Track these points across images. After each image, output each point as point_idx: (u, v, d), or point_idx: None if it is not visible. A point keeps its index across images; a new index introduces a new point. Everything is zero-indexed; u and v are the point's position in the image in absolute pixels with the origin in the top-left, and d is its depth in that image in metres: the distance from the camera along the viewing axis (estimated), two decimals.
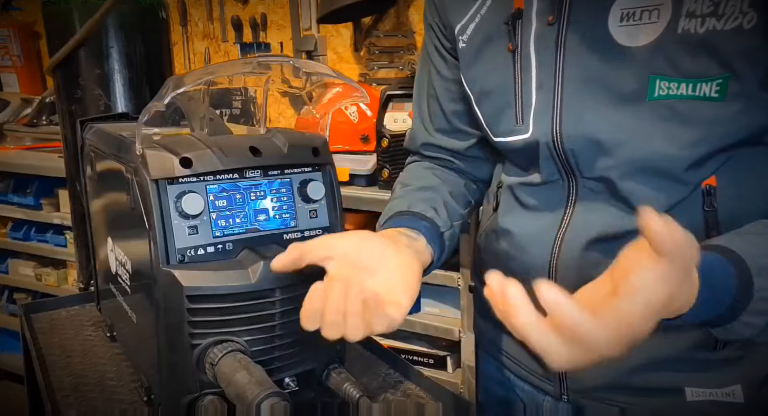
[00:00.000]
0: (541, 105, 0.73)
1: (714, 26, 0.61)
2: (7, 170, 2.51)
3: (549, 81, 0.72)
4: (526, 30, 0.74)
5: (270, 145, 0.75)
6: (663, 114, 0.65)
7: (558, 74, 0.71)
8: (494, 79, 0.78)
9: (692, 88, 0.63)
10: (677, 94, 0.64)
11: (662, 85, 0.64)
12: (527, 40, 0.74)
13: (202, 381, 0.70)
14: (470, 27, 0.80)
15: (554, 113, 0.72)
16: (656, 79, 0.65)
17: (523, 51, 0.74)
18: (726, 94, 0.62)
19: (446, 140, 0.92)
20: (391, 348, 0.99)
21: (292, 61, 0.77)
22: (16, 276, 2.71)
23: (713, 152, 0.66)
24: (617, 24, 0.67)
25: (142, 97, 1.36)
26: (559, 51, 0.71)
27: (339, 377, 0.78)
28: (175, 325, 0.69)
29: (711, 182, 0.68)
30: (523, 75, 0.74)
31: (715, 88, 0.62)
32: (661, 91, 0.65)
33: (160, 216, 0.68)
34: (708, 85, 0.63)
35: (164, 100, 0.67)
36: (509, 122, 0.77)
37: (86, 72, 1.32)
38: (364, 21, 2.39)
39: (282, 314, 0.72)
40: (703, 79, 0.63)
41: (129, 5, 1.31)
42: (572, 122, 0.71)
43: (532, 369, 0.84)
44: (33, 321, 1.07)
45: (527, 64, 0.74)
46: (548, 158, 0.74)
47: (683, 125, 0.65)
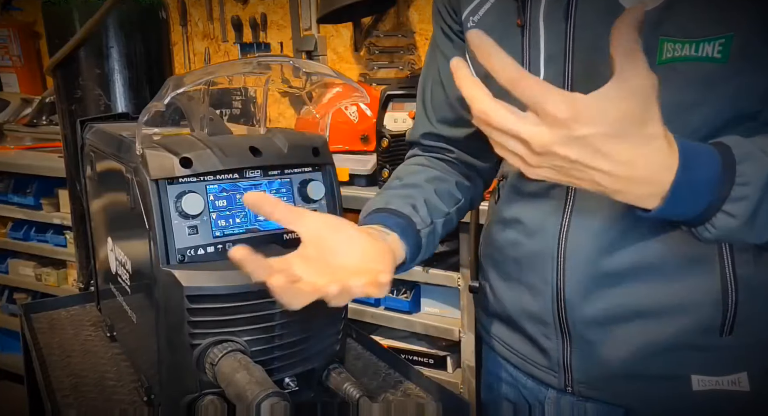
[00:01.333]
0: (550, 78, 0.72)
1: None
2: (7, 170, 2.51)
3: (559, 56, 0.72)
4: (535, 5, 0.73)
5: (270, 145, 0.75)
6: (669, 76, 0.64)
7: (568, 46, 0.71)
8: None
9: (695, 48, 0.63)
10: (681, 55, 0.64)
11: (668, 48, 0.64)
12: (536, 14, 0.73)
13: (202, 381, 0.70)
14: (482, 9, 0.80)
15: (565, 85, 0.72)
16: (664, 41, 0.64)
17: (532, 25, 0.74)
18: (729, 54, 0.62)
19: (447, 129, 0.92)
20: (391, 348, 0.99)
21: (292, 61, 0.77)
22: (16, 276, 2.71)
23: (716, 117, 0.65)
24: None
25: (142, 97, 1.36)
26: (569, 23, 0.71)
27: (339, 377, 0.78)
28: (175, 325, 0.69)
29: None
30: (531, 50, 0.74)
31: (718, 48, 0.62)
32: (668, 53, 0.65)
33: (160, 216, 0.68)
34: (711, 45, 0.62)
35: (164, 100, 0.67)
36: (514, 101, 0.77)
37: (86, 72, 1.32)
38: (364, 21, 2.39)
39: (282, 314, 0.72)
40: (706, 39, 0.62)
41: (129, 5, 1.31)
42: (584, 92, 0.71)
43: (534, 360, 0.84)
44: (33, 321, 1.07)
45: (536, 38, 0.74)
46: None
47: (688, 88, 0.65)
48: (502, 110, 0.57)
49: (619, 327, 0.74)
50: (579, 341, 0.77)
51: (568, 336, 0.78)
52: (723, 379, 0.72)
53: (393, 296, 1.88)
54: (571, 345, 0.78)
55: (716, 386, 0.72)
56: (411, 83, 1.72)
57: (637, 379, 0.75)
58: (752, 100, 0.65)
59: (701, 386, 0.73)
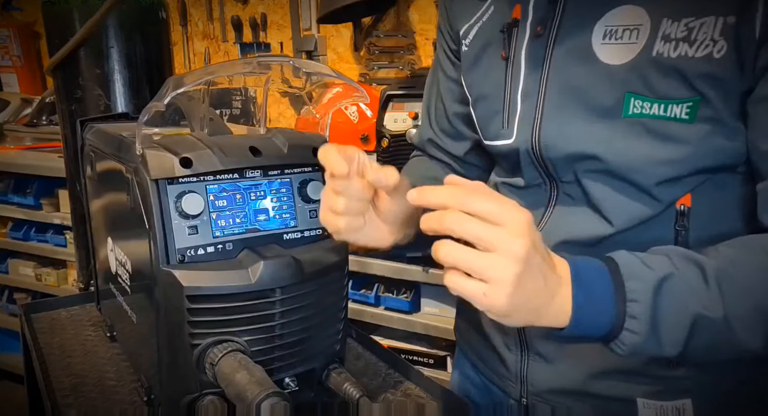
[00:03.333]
0: (524, 113, 0.76)
1: (686, 52, 0.63)
2: (7, 170, 2.51)
3: (534, 90, 0.75)
4: (519, 39, 0.76)
5: (270, 145, 0.75)
6: (637, 131, 0.67)
7: (542, 85, 0.74)
8: (489, 84, 0.81)
9: (663, 108, 0.65)
10: (650, 113, 0.66)
11: (636, 104, 0.66)
12: (519, 49, 0.76)
13: (202, 381, 0.70)
14: (472, 32, 0.84)
15: (535, 121, 0.74)
16: (631, 97, 0.66)
17: (515, 59, 0.77)
18: (696, 116, 0.64)
19: (448, 141, 0.95)
20: (391, 348, 0.99)
21: (292, 61, 0.77)
22: (16, 276, 2.71)
23: (684, 172, 0.67)
24: (600, 41, 0.69)
25: (142, 97, 1.36)
26: (545, 62, 0.73)
27: (339, 377, 0.78)
28: (175, 325, 0.69)
29: (686, 202, 0.69)
30: (513, 82, 0.77)
31: (686, 110, 0.64)
32: (635, 109, 0.66)
33: (160, 216, 0.68)
34: (679, 107, 0.64)
35: (164, 100, 0.67)
36: (497, 126, 0.80)
37: (86, 72, 1.32)
38: (364, 21, 2.39)
39: (282, 314, 0.72)
40: (674, 100, 0.64)
41: (129, 5, 1.31)
42: (551, 132, 0.73)
43: (497, 369, 0.86)
44: (33, 321, 1.07)
45: (517, 72, 0.76)
46: (529, 164, 0.77)
47: (655, 143, 0.66)
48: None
49: (572, 345, 0.76)
50: (535, 354, 0.80)
51: (526, 349, 0.81)
52: (668, 404, 0.74)
53: (393, 296, 1.88)
54: (528, 358, 0.81)
55: (660, 411, 0.74)
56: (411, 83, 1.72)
57: (586, 396, 0.77)
58: (719, 159, 0.67)
59: (646, 408, 0.75)
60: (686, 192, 0.69)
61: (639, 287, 0.58)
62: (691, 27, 0.62)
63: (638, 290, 0.58)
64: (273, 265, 0.70)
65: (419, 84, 1.72)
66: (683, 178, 0.68)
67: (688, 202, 0.69)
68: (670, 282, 0.58)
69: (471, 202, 0.52)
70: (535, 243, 0.54)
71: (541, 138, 0.74)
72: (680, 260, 0.60)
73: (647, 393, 0.74)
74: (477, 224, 0.52)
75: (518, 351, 0.81)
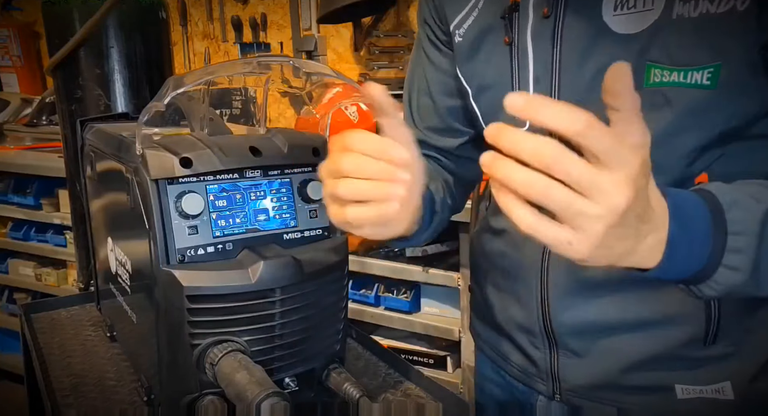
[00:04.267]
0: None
1: (707, 9, 0.61)
2: (7, 170, 2.51)
3: (546, 74, 0.72)
4: (522, 23, 0.74)
5: (270, 145, 0.75)
6: (657, 101, 0.65)
7: (555, 67, 0.72)
8: (492, 73, 0.78)
9: (683, 75, 0.63)
10: (670, 80, 0.64)
11: (656, 73, 0.64)
12: (524, 33, 0.74)
13: (202, 381, 0.70)
14: (467, 22, 0.80)
15: None
16: (651, 67, 0.64)
17: (520, 44, 0.74)
18: (718, 82, 0.62)
19: (437, 138, 0.91)
20: (391, 348, 0.99)
21: (292, 61, 0.77)
22: (16, 276, 2.71)
23: (703, 143, 0.66)
24: (612, 13, 0.67)
25: (142, 97, 1.35)
26: (555, 44, 0.71)
27: (339, 377, 0.78)
28: (175, 325, 0.69)
29: (703, 180, 0.68)
30: (520, 69, 0.75)
31: (707, 76, 0.62)
32: (655, 77, 0.65)
33: (160, 216, 0.68)
34: (700, 74, 0.62)
35: (164, 100, 0.67)
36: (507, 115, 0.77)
37: (86, 72, 1.32)
38: (364, 21, 2.39)
39: (282, 314, 0.72)
40: (695, 67, 0.63)
41: (129, 5, 1.31)
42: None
43: (524, 368, 0.85)
44: (33, 321, 1.07)
45: (524, 57, 0.74)
46: None
47: (675, 113, 0.65)
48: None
49: (604, 338, 0.75)
50: (565, 351, 0.78)
51: (555, 346, 0.79)
52: (707, 388, 0.73)
53: (393, 296, 1.88)
54: (558, 354, 0.79)
55: (700, 394, 0.73)
56: None
57: (622, 388, 0.76)
58: (740, 122, 0.66)
59: (686, 395, 0.73)
60: (704, 168, 0.67)
61: (742, 216, 0.53)
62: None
63: (741, 221, 0.53)
64: (273, 265, 0.70)
65: None
66: (703, 152, 0.66)
67: (706, 179, 0.67)
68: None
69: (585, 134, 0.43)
70: (639, 192, 0.46)
71: None
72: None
73: (684, 378, 0.73)
74: (580, 163, 0.44)
75: (546, 348, 0.80)
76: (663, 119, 0.65)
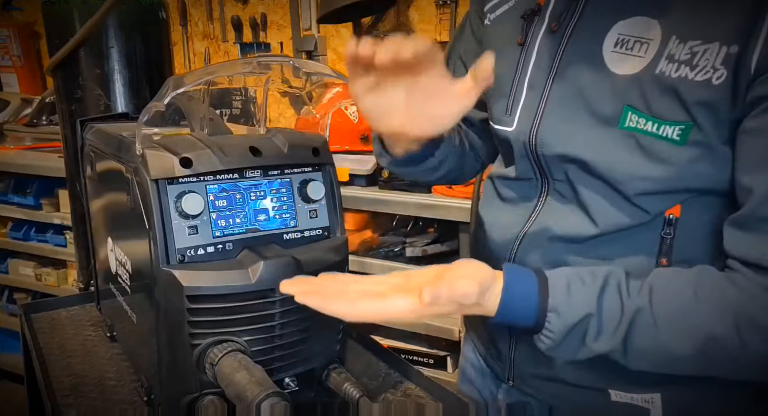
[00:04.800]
0: (528, 104, 0.76)
1: (687, 75, 0.63)
2: (7, 170, 2.51)
3: (540, 83, 0.75)
4: (537, 28, 0.77)
5: (270, 145, 0.75)
6: (629, 144, 0.68)
7: (549, 79, 0.74)
8: (502, 65, 0.80)
9: (657, 127, 0.66)
10: (643, 129, 0.66)
11: (632, 117, 0.67)
12: (535, 38, 0.77)
13: (202, 381, 0.70)
14: (501, 9, 0.83)
15: (536, 115, 0.75)
16: (629, 110, 0.67)
17: (530, 47, 0.77)
18: (687, 140, 0.64)
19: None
20: (391, 348, 0.99)
21: (292, 61, 0.77)
22: (16, 276, 2.71)
23: (668, 190, 0.68)
24: (611, 48, 0.69)
25: (142, 97, 1.35)
26: (556, 58, 0.74)
27: (339, 377, 0.78)
28: (175, 325, 0.69)
29: (674, 213, 0.70)
30: (523, 70, 0.77)
31: (678, 132, 0.65)
32: (630, 122, 0.67)
33: (160, 216, 0.68)
34: (671, 128, 0.65)
35: (164, 100, 0.67)
36: (501, 109, 0.80)
37: (86, 72, 1.32)
38: (364, 21, 2.39)
39: (282, 314, 0.72)
40: (668, 122, 0.65)
41: (129, 5, 1.31)
42: (549, 129, 0.74)
43: (491, 351, 0.89)
44: (33, 321, 1.07)
45: (528, 60, 0.77)
46: (523, 156, 0.78)
47: (645, 159, 0.67)
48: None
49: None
50: (520, 338, 0.82)
51: (515, 332, 0.82)
52: (637, 397, 0.76)
53: None
54: (516, 341, 0.83)
55: (631, 401, 0.76)
56: None
57: (562, 384, 0.79)
58: (704, 183, 0.67)
59: (618, 398, 0.77)
60: (676, 203, 0.69)
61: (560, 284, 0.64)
62: (695, 51, 0.63)
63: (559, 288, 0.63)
64: (273, 265, 0.70)
65: None
66: (668, 193, 0.69)
67: (677, 212, 0.70)
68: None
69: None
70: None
71: (538, 133, 0.74)
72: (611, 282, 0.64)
73: (618, 383, 0.76)
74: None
75: (508, 334, 0.83)
76: (633, 161, 0.68)
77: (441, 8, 2.24)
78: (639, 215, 0.70)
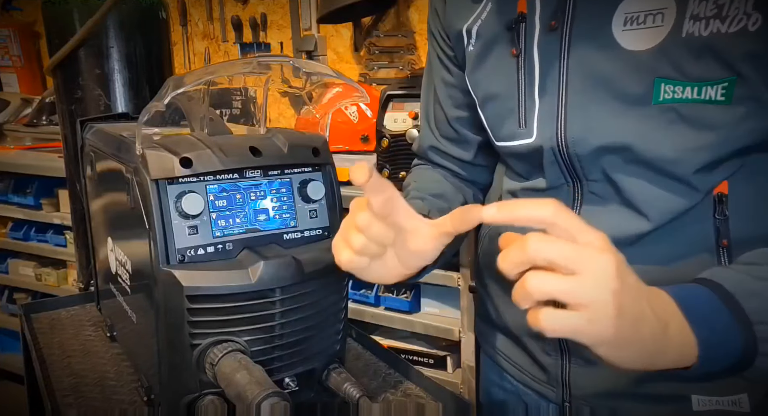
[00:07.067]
0: (545, 110, 0.73)
1: (718, 29, 0.60)
2: (7, 170, 2.51)
3: (553, 86, 0.72)
4: (529, 34, 0.73)
5: (270, 145, 0.75)
6: (669, 117, 0.64)
7: (562, 79, 0.71)
8: (498, 83, 0.78)
9: (698, 91, 0.62)
10: (682, 97, 0.63)
11: (667, 89, 0.64)
12: (531, 44, 0.73)
13: (202, 381, 0.70)
14: (474, 29, 0.80)
15: (558, 117, 0.72)
16: (661, 82, 0.64)
17: (527, 56, 0.74)
18: (732, 97, 0.61)
19: (452, 148, 0.92)
20: (391, 348, 0.99)
21: (292, 61, 0.77)
22: (16, 276, 2.71)
23: (721, 156, 0.65)
24: (621, 28, 0.66)
25: (142, 97, 1.36)
26: (562, 56, 0.71)
27: (339, 377, 0.78)
28: (175, 325, 0.69)
29: (722, 190, 0.66)
30: (527, 80, 0.74)
31: (721, 92, 0.61)
32: (666, 94, 0.64)
33: (160, 216, 0.68)
34: (714, 89, 0.62)
35: (164, 100, 0.67)
36: (512, 126, 0.77)
37: (86, 72, 1.32)
38: (364, 21, 2.39)
39: (282, 314, 0.72)
40: (709, 82, 0.62)
41: (129, 5, 1.31)
42: (578, 127, 0.70)
43: (533, 374, 0.84)
44: (33, 321, 1.07)
45: (531, 68, 0.74)
46: (553, 163, 0.74)
47: (689, 129, 0.64)
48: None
49: None
50: (577, 358, 0.77)
51: (567, 353, 0.78)
52: (723, 400, 0.71)
53: (393, 296, 1.88)
54: (570, 361, 0.78)
55: (717, 406, 0.71)
56: (411, 83, 1.71)
57: (637, 398, 0.74)
58: (757, 138, 0.64)
59: (701, 406, 0.72)
60: (723, 179, 0.66)
61: (759, 305, 0.54)
62: (721, 4, 0.60)
63: (761, 310, 0.54)
64: (273, 265, 0.70)
65: (419, 84, 1.72)
66: (721, 163, 0.65)
67: (725, 189, 0.66)
68: None
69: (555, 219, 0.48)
70: (623, 261, 0.48)
71: (567, 134, 0.71)
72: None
73: (701, 389, 0.71)
74: (558, 244, 0.47)
75: (558, 355, 0.79)
76: (677, 135, 0.64)
77: None
78: (691, 195, 0.66)
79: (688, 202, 0.67)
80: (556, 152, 0.73)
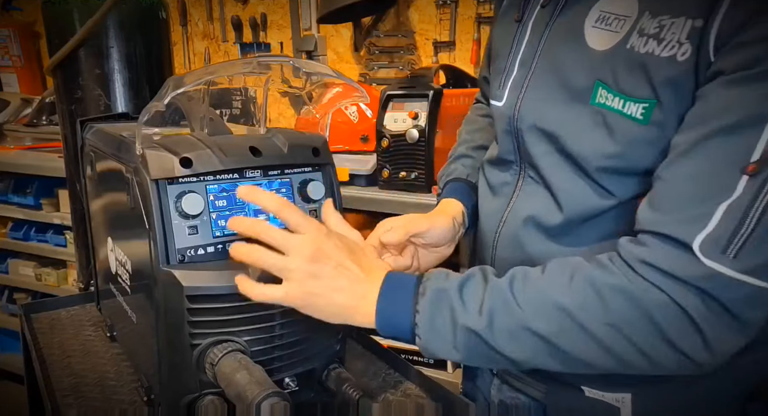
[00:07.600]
0: (517, 79, 0.78)
1: (653, 50, 0.62)
2: (7, 170, 2.50)
3: (529, 59, 0.77)
4: (533, 6, 0.78)
5: (270, 145, 0.75)
6: (596, 120, 0.67)
7: (537, 55, 0.76)
8: (502, 43, 0.83)
9: (623, 104, 0.65)
10: (611, 106, 0.66)
11: (602, 93, 0.67)
12: (530, 15, 0.78)
13: (202, 381, 0.70)
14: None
15: (521, 90, 0.76)
16: (599, 85, 0.67)
17: (524, 24, 0.79)
18: (649, 119, 0.64)
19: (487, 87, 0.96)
20: (391, 348, 0.99)
21: (292, 61, 0.77)
22: (16, 276, 2.71)
23: (627, 169, 0.67)
24: (592, 24, 0.69)
25: (142, 97, 1.36)
26: (545, 34, 0.75)
27: (339, 377, 0.78)
28: (175, 325, 0.69)
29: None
30: (517, 46, 0.79)
31: (641, 111, 0.64)
32: (600, 98, 0.67)
33: (160, 216, 0.68)
34: (636, 106, 0.64)
35: (164, 100, 0.67)
36: (496, 84, 0.82)
37: (86, 72, 1.32)
38: (364, 21, 2.39)
39: (282, 314, 0.72)
40: (633, 98, 0.64)
41: (129, 5, 1.31)
42: (529, 103, 0.75)
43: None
44: (33, 321, 1.07)
45: (522, 38, 0.79)
46: (507, 133, 0.79)
47: (607, 136, 0.67)
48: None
49: None
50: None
51: None
52: (608, 395, 0.76)
53: None
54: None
55: (603, 399, 0.76)
56: (411, 83, 1.71)
57: (541, 378, 0.80)
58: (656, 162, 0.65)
59: (591, 395, 0.77)
60: (644, 190, 0.67)
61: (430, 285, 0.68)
62: (663, 24, 0.62)
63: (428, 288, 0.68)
64: None
65: (419, 84, 1.72)
66: (633, 176, 0.67)
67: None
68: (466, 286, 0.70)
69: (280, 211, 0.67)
70: (323, 247, 0.66)
71: (520, 107, 0.76)
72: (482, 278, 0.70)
73: (590, 381, 0.76)
74: (278, 231, 0.66)
75: None
76: (597, 137, 0.67)
77: (441, 8, 2.24)
78: (604, 197, 0.69)
79: (601, 203, 0.70)
80: (511, 121, 0.77)
